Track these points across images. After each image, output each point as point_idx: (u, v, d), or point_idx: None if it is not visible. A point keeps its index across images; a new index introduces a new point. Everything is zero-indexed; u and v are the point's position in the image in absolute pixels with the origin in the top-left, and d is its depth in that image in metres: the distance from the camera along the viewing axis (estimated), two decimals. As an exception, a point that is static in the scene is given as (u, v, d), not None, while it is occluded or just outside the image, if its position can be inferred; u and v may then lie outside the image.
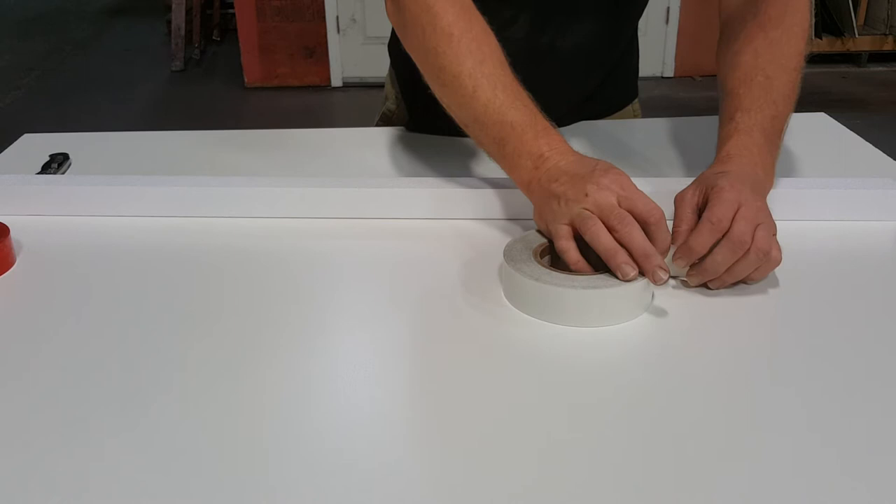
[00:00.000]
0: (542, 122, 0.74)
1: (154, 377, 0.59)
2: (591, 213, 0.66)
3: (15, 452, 0.52)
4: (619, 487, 0.48)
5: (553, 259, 0.70)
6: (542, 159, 0.71)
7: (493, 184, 0.82)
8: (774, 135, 0.76)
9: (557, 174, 0.70)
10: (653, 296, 0.67)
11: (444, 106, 0.78)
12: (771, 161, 0.75)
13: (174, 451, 0.52)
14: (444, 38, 0.75)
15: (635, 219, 0.65)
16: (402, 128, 1.09)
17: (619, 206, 0.66)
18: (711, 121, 0.83)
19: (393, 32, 1.11)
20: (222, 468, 0.50)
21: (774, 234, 0.67)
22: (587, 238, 0.66)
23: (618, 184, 0.67)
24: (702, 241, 0.65)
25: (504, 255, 0.68)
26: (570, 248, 0.67)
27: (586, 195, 0.67)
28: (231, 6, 4.40)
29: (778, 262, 0.67)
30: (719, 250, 0.65)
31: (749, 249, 0.65)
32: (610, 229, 0.65)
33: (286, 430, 0.53)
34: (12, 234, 0.76)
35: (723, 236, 0.65)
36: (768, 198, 0.72)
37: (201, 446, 0.52)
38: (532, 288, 0.65)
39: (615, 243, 0.65)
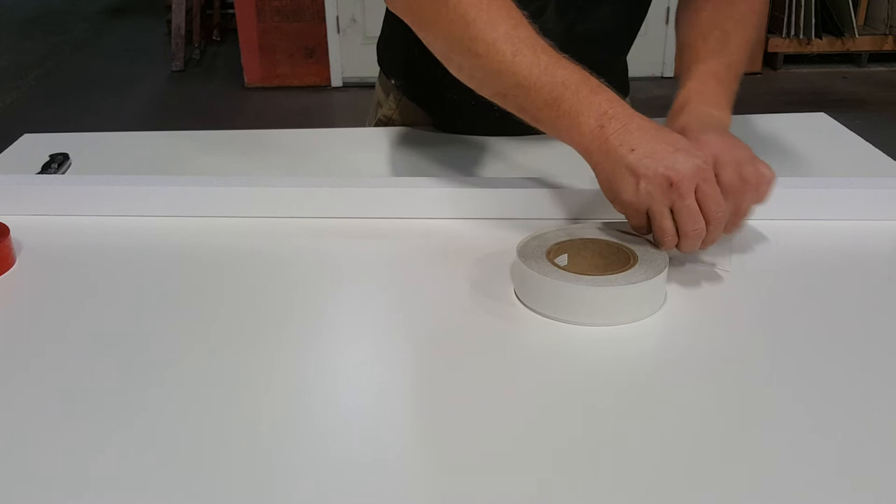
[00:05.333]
0: (593, 79, 0.71)
1: (154, 377, 0.59)
2: (667, 207, 0.66)
3: (15, 452, 0.52)
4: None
5: (566, 257, 0.70)
6: (607, 117, 0.68)
7: (501, 183, 0.82)
8: (729, 80, 0.80)
9: (632, 141, 0.67)
10: (666, 294, 0.67)
11: (475, 79, 0.74)
12: (725, 102, 0.78)
13: (174, 451, 0.52)
14: (472, 5, 0.71)
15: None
16: (402, 128, 1.09)
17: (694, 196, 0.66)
18: (711, 121, 0.83)
19: (382, 41, 1.11)
20: (223, 468, 0.50)
21: (752, 157, 0.69)
22: (654, 228, 0.68)
23: (700, 175, 0.66)
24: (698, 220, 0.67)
25: (518, 254, 0.68)
26: (643, 229, 0.69)
27: (671, 185, 0.65)
28: (231, 6, 4.40)
29: (772, 178, 0.68)
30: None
31: (744, 190, 0.67)
32: (675, 212, 0.66)
33: (291, 431, 0.53)
34: (12, 234, 0.76)
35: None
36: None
37: (201, 446, 0.52)
38: (547, 286, 0.64)
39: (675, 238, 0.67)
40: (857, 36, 4.02)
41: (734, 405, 0.55)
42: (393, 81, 1.08)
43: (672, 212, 0.66)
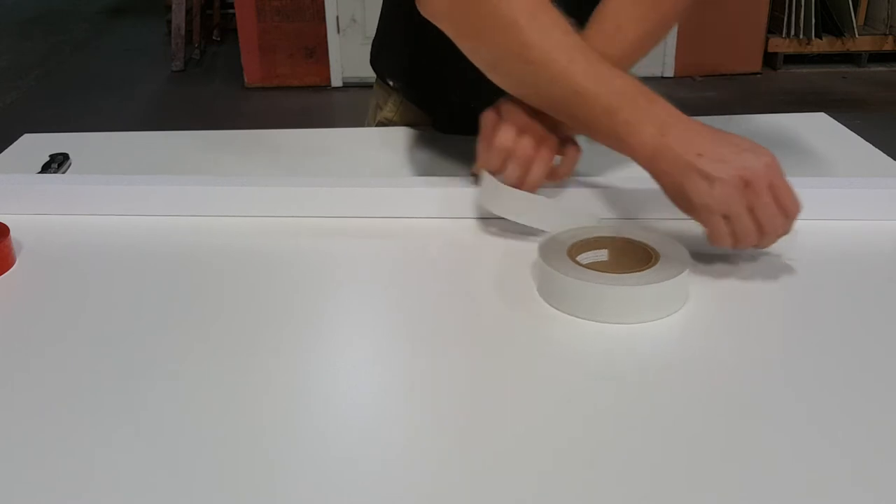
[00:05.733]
0: (647, 88, 0.71)
1: (154, 377, 0.59)
2: (745, 208, 0.66)
3: (15, 452, 0.52)
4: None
5: (589, 255, 0.70)
6: (667, 125, 0.68)
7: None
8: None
9: (696, 146, 0.67)
10: (688, 293, 0.67)
11: (525, 87, 0.74)
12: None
13: (174, 451, 0.52)
14: (523, 13, 0.70)
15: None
16: (402, 128, 1.09)
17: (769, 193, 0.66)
18: (711, 121, 0.83)
19: (378, 44, 1.09)
20: (223, 468, 0.50)
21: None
22: (735, 229, 0.66)
23: (772, 172, 0.66)
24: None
25: (539, 252, 0.68)
26: (722, 235, 0.67)
27: (746, 185, 0.65)
28: (231, 6, 4.40)
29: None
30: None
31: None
32: (754, 211, 0.66)
33: (291, 431, 0.53)
34: (12, 234, 0.76)
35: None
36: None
37: (201, 446, 0.52)
38: (571, 285, 0.64)
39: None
40: (857, 36, 4.02)
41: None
42: (391, 83, 1.08)
43: (751, 210, 0.66)
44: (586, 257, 0.70)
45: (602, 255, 0.70)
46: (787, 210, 0.67)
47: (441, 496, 0.48)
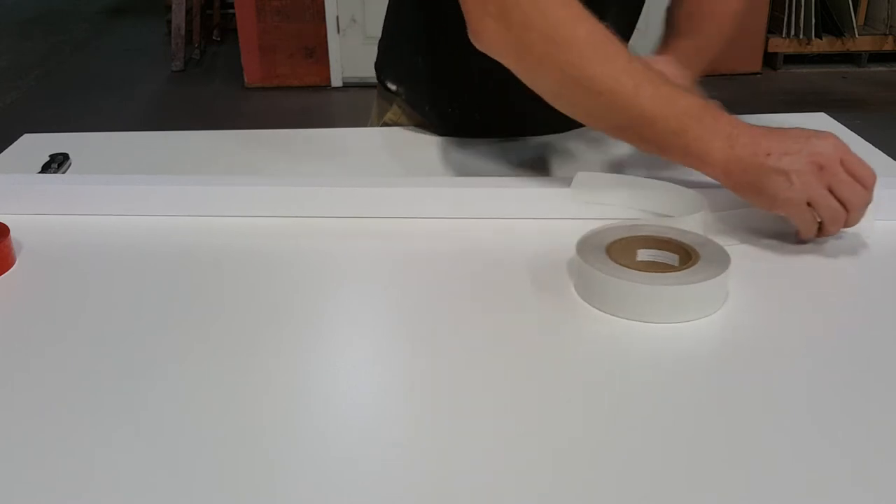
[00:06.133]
0: (711, 104, 0.74)
1: (154, 377, 0.59)
2: (826, 189, 0.70)
3: (15, 452, 0.52)
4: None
5: (625, 254, 0.70)
6: (734, 137, 0.71)
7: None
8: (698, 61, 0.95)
9: (763, 148, 0.70)
10: (727, 293, 0.67)
11: (592, 116, 0.76)
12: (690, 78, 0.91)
13: (174, 451, 0.52)
14: (585, 45, 0.72)
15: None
16: (403, 128, 1.08)
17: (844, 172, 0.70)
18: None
19: (385, 49, 1.09)
20: (223, 468, 0.50)
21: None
22: (822, 214, 0.71)
23: (840, 150, 0.70)
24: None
25: (577, 250, 0.68)
26: (812, 223, 0.72)
27: (821, 168, 0.69)
28: (231, 6, 4.40)
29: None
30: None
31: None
32: (834, 190, 0.70)
33: (291, 431, 0.53)
34: (12, 233, 0.76)
35: None
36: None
37: (201, 446, 0.52)
38: (608, 284, 0.64)
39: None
40: (857, 36, 4.02)
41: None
42: (395, 88, 1.08)
43: (831, 191, 0.70)
44: (648, 254, 0.70)
45: (666, 256, 0.70)
46: (864, 180, 0.70)
47: (441, 496, 0.48)
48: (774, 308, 0.67)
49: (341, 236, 0.80)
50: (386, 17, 1.08)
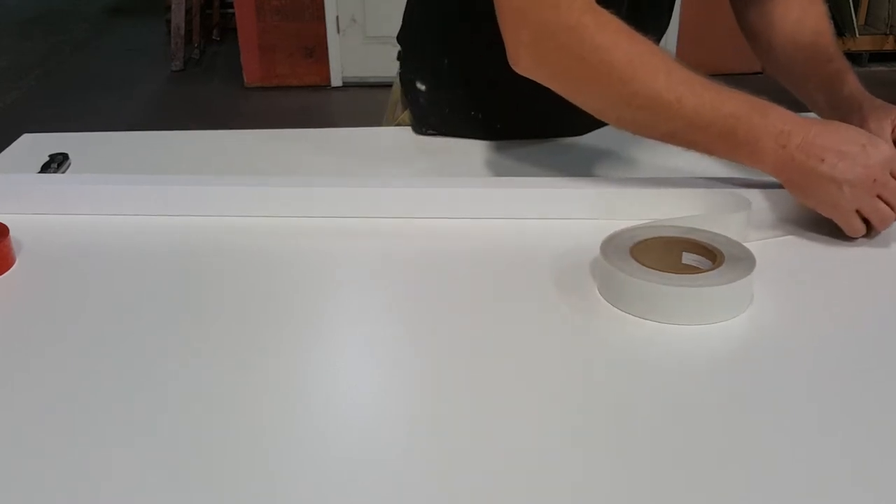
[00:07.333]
0: (757, 100, 0.74)
1: (154, 377, 0.59)
2: (875, 199, 0.71)
3: (14, 452, 0.52)
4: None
5: (649, 255, 0.69)
6: (785, 135, 0.72)
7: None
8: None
9: (817, 151, 0.71)
10: (752, 295, 0.67)
11: (640, 128, 0.77)
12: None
13: (174, 451, 0.51)
14: (627, 63, 0.72)
15: None
16: (405, 128, 1.08)
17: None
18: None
19: (409, 44, 1.08)
20: (223, 468, 0.50)
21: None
22: (872, 220, 0.73)
23: (892, 159, 0.71)
24: None
25: (601, 251, 0.68)
26: (860, 228, 0.73)
27: (874, 181, 0.70)
28: (231, 6, 4.39)
29: None
30: None
31: None
32: (885, 199, 0.72)
33: (291, 431, 0.53)
34: (12, 233, 0.76)
35: None
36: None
37: (201, 446, 0.52)
38: (635, 286, 0.64)
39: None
40: (857, 36, 4.02)
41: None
42: (418, 84, 1.06)
43: (879, 197, 0.71)
44: (672, 255, 0.69)
45: (691, 257, 0.70)
46: None
47: (441, 496, 0.48)
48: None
49: (341, 236, 0.80)
50: (407, 7, 1.06)
